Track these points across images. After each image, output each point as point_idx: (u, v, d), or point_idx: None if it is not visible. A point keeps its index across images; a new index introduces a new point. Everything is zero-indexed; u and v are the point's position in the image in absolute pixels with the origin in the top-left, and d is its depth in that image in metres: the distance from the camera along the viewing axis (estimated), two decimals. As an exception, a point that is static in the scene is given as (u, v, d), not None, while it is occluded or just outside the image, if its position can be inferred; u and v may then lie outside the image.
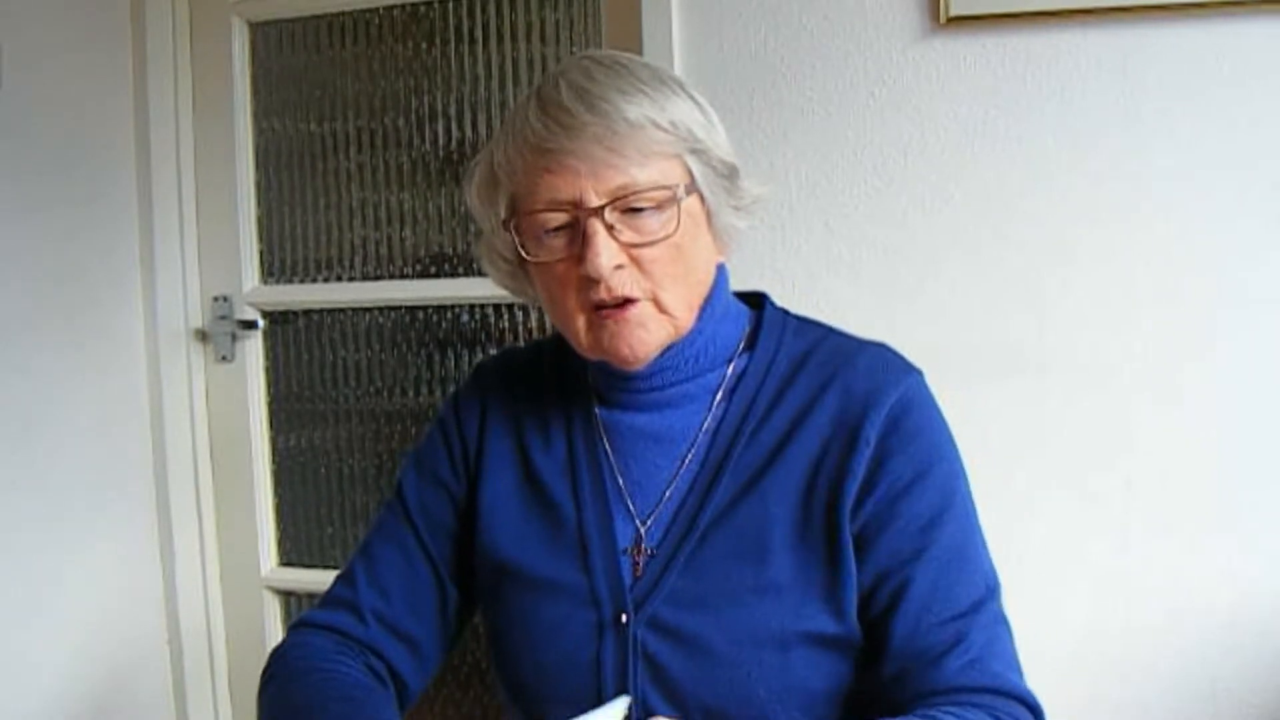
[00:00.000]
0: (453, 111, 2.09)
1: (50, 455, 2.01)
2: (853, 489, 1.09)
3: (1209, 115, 1.57)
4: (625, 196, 1.05)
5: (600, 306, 1.08)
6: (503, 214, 1.11)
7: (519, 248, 1.10)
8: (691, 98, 1.10)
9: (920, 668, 1.04)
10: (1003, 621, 1.09)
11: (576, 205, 1.05)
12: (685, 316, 1.12)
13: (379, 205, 2.16)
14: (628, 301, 1.08)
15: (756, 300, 1.25)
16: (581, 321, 1.11)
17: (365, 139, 2.16)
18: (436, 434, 1.27)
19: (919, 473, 1.10)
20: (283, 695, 1.15)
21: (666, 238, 1.06)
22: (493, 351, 2.08)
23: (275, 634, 2.28)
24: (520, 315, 2.06)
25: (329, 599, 1.25)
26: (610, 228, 1.05)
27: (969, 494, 1.14)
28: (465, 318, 2.11)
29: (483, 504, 1.21)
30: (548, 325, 2.04)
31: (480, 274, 2.06)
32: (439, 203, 2.12)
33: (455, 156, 2.09)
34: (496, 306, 2.08)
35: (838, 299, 1.75)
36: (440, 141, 2.11)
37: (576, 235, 1.06)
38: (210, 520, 2.27)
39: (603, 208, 1.04)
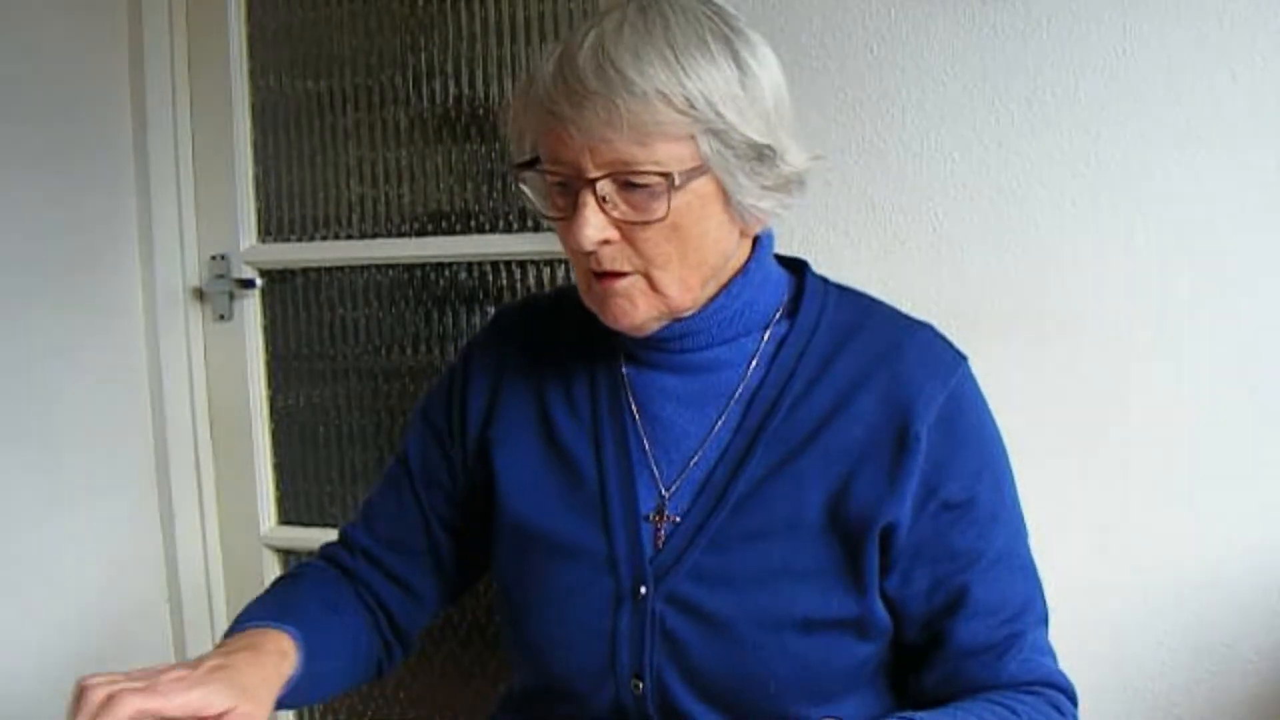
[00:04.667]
0: (450, 68, 2.08)
1: (48, 415, 2.01)
2: (910, 488, 1.08)
3: (1209, 65, 1.56)
4: (621, 172, 1.01)
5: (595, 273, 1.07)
6: (527, 155, 1.08)
7: (531, 198, 1.10)
8: (736, 61, 1.02)
9: (979, 666, 1.08)
10: (1045, 615, 1.14)
11: (575, 171, 1.02)
12: (681, 296, 1.07)
13: (377, 163, 2.14)
14: (619, 273, 1.05)
15: (797, 267, 1.23)
16: (583, 281, 1.09)
17: (363, 96, 2.14)
18: (444, 385, 1.26)
19: (975, 475, 1.10)
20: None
21: (660, 220, 1.02)
22: (489, 309, 2.08)
23: (275, 592, 2.28)
24: (519, 273, 2.06)
25: (339, 533, 1.31)
26: (603, 200, 1.02)
27: (1015, 485, 1.16)
28: (464, 275, 2.11)
29: (500, 464, 1.18)
30: (546, 284, 2.04)
31: (479, 231, 2.08)
32: (437, 160, 2.10)
33: (453, 113, 2.08)
34: (495, 264, 2.08)
35: (835, 257, 1.73)
36: (438, 98, 2.09)
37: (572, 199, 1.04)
38: (209, 479, 2.28)
39: (596, 180, 1.01)
